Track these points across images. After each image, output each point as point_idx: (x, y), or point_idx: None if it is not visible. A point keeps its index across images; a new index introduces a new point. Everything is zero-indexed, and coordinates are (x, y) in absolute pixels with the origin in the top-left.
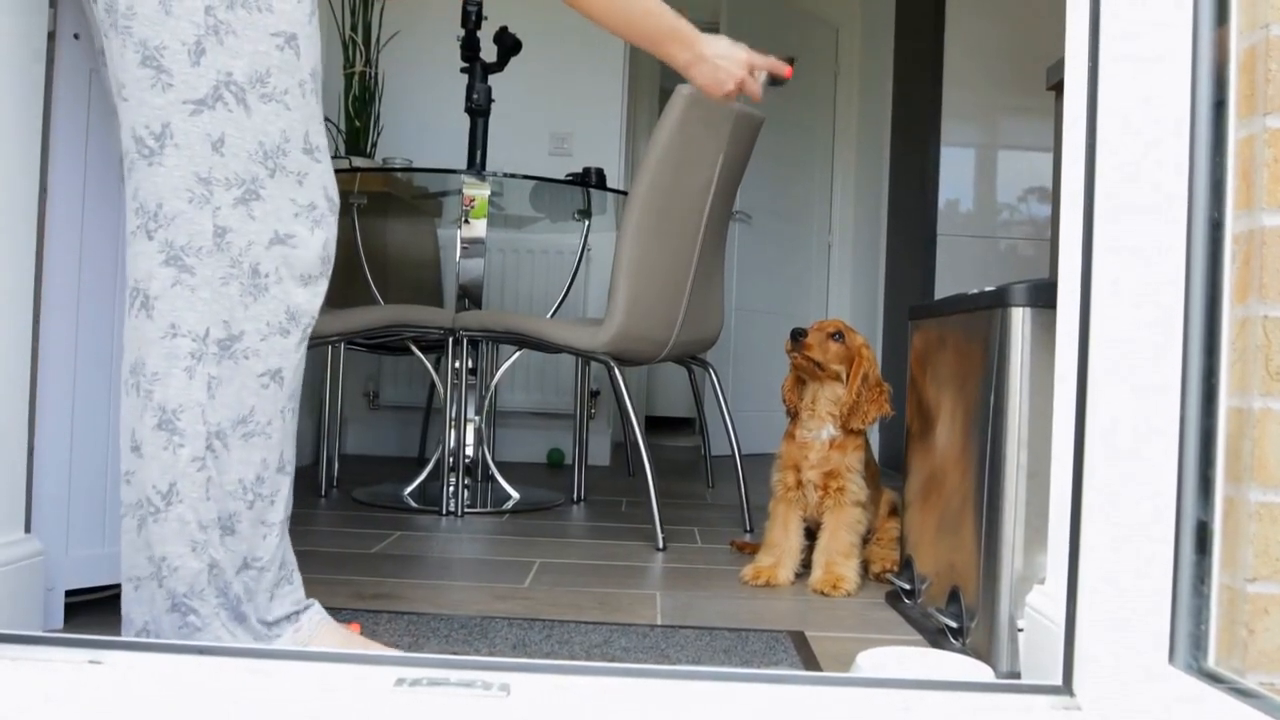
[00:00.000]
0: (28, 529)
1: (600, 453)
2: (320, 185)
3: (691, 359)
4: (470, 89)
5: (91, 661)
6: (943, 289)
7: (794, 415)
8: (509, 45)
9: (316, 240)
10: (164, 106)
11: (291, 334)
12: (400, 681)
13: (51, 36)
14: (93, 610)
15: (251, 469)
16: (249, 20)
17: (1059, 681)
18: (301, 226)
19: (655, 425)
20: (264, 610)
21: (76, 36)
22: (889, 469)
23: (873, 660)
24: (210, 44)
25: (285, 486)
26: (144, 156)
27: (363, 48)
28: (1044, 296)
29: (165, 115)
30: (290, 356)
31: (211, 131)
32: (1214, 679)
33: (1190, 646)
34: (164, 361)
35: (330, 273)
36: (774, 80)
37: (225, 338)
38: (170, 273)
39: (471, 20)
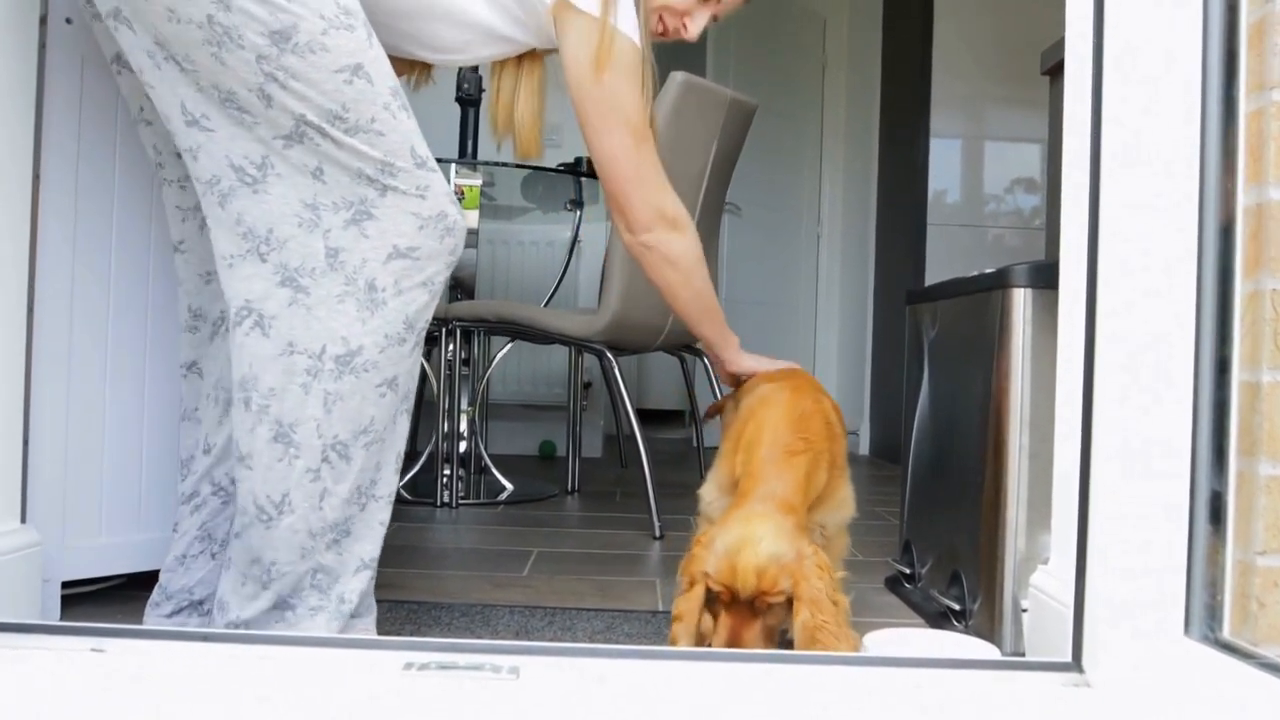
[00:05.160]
0: (23, 519)
1: (592, 444)
2: (444, 193)
3: (685, 348)
4: (460, 78)
5: (94, 649)
6: (933, 278)
7: None
8: None
9: (445, 248)
10: (259, 140)
11: (408, 341)
12: (409, 666)
13: (43, 21)
14: (90, 602)
15: (368, 474)
16: (306, 63)
17: (1068, 659)
18: (428, 237)
19: (646, 418)
20: (358, 605)
21: (69, 21)
22: (884, 459)
23: (879, 642)
24: (274, 89)
25: (395, 484)
26: (247, 184)
27: None
28: (1044, 278)
29: (262, 149)
30: (405, 363)
31: (307, 163)
32: (1231, 650)
33: (1206, 617)
34: (282, 378)
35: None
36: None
37: (344, 353)
38: (286, 293)
39: None
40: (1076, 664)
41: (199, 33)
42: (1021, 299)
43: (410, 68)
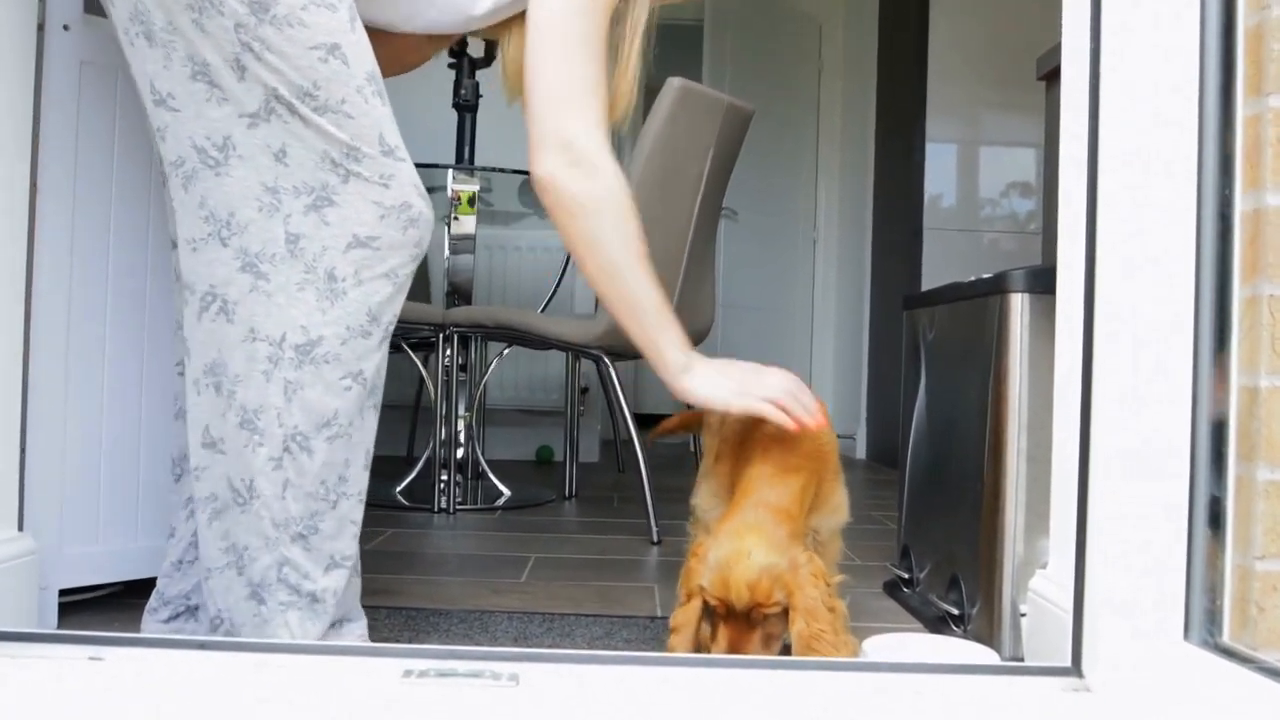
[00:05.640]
0: (20, 527)
1: (589, 449)
2: (411, 184)
3: None
4: (458, 84)
5: (92, 658)
6: (929, 282)
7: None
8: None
9: (409, 239)
10: (222, 119)
11: (373, 335)
12: (408, 673)
13: (40, 28)
14: (87, 609)
15: (335, 470)
16: (282, 36)
17: (1067, 663)
18: (390, 227)
19: (643, 422)
20: (349, 610)
21: (66, 28)
22: (880, 463)
23: (879, 646)
24: (249, 60)
25: (365, 482)
26: (209, 166)
27: None
28: (1042, 282)
29: (225, 128)
30: (372, 357)
31: (271, 143)
32: (1230, 654)
33: (1205, 622)
34: (245, 364)
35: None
36: None
37: (304, 343)
38: (247, 279)
39: None
40: (1076, 668)
41: None
42: (1019, 304)
43: (431, 45)
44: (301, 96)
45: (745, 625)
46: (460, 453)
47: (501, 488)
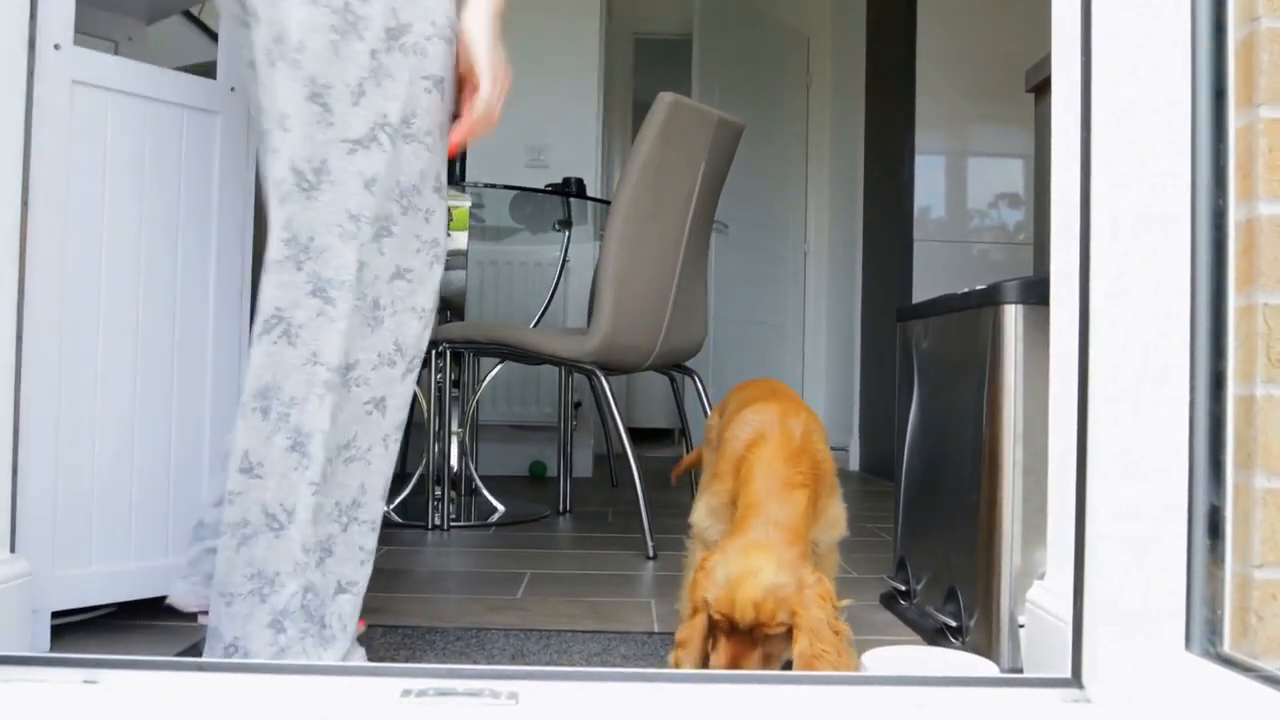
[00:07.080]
0: (12, 549)
1: (583, 464)
2: (444, 221)
3: (675, 367)
4: None
5: (87, 681)
6: (919, 293)
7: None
8: None
9: (434, 275)
10: (325, 144)
11: (397, 365)
12: (406, 692)
13: (31, 46)
14: (81, 631)
15: (349, 493)
16: (405, 63)
17: (1067, 674)
18: (421, 262)
19: (635, 436)
20: (351, 634)
21: (57, 47)
22: (873, 475)
23: (878, 660)
24: (370, 86)
25: (380, 511)
26: (302, 190)
27: None
28: (1035, 293)
29: (324, 152)
30: (395, 387)
31: (365, 170)
32: (1231, 664)
33: (1206, 631)
34: (303, 388)
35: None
36: None
37: (343, 365)
38: (316, 304)
39: None
40: (1076, 680)
41: (332, 17)
42: (1013, 315)
43: None
44: (402, 123)
45: (747, 642)
46: (453, 469)
47: (495, 504)
